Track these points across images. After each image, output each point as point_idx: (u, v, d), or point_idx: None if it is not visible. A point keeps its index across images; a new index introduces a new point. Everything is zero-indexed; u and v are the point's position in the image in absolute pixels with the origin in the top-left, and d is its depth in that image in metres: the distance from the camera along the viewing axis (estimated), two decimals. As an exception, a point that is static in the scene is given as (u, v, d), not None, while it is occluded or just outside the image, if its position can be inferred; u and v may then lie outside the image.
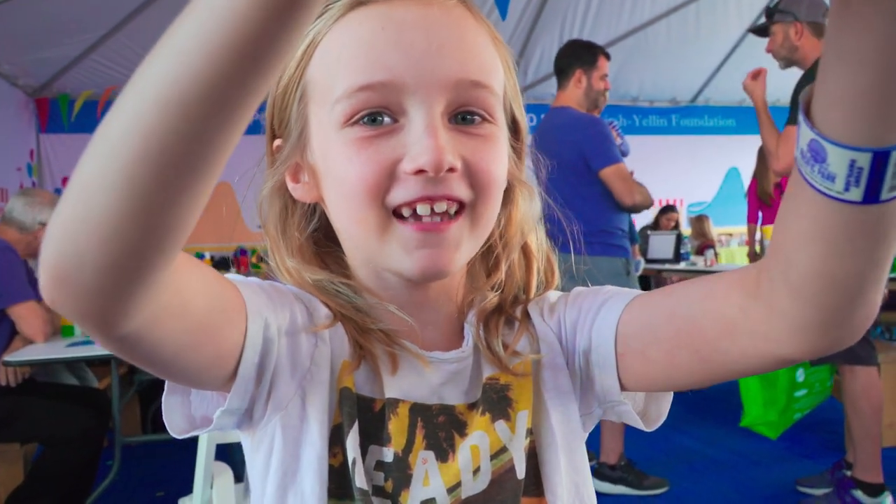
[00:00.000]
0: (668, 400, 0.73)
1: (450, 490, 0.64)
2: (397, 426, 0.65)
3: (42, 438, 2.95)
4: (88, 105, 6.47)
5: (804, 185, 0.47)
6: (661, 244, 5.95)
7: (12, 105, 6.22)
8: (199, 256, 5.64)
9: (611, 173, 3.08)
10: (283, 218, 0.72)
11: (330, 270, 0.70)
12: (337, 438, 0.63)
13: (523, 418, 0.68)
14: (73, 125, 6.58)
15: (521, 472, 0.67)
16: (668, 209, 7.55)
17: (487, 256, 0.75)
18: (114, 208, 0.38)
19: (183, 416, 0.65)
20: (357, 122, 0.62)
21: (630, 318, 0.67)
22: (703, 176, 8.77)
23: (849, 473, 2.92)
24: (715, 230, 7.65)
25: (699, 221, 7.60)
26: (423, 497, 0.64)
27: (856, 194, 0.44)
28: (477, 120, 0.65)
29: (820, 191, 0.46)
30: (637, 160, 4.07)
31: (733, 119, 8.89)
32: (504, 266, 0.75)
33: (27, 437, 3.05)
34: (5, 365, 2.86)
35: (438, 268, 0.64)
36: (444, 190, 0.62)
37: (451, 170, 0.61)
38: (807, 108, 0.46)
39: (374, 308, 0.68)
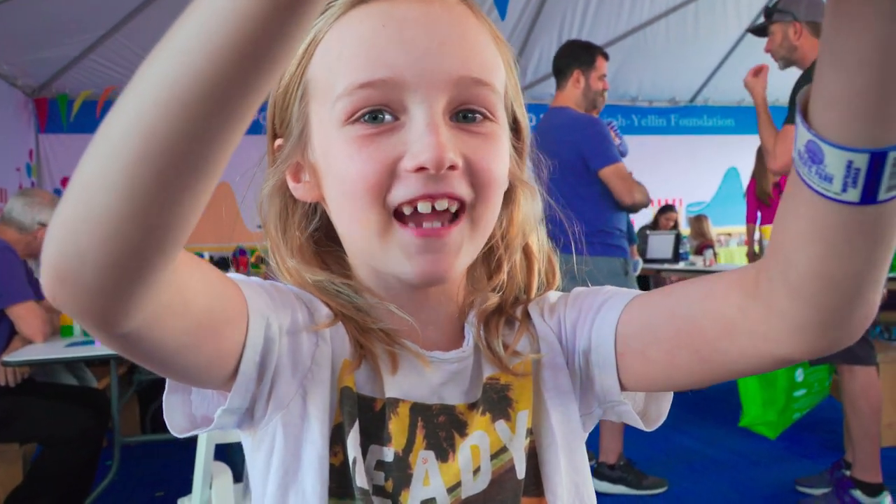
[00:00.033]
0: (668, 400, 0.73)
1: (450, 490, 0.64)
2: (398, 426, 0.65)
3: (41, 438, 2.94)
4: (87, 105, 6.46)
5: (802, 186, 0.47)
6: (660, 244, 5.95)
7: (11, 105, 6.21)
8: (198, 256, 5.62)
9: (610, 173, 3.08)
10: (283, 218, 0.72)
11: (330, 270, 0.70)
12: (338, 438, 0.63)
13: (523, 418, 0.68)
14: (72, 125, 6.58)
15: (521, 472, 0.67)
16: (666, 209, 7.54)
17: (489, 257, 0.75)
18: (114, 208, 0.38)
19: (184, 415, 0.64)
20: (358, 119, 0.62)
21: (630, 318, 0.67)
22: (701, 176, 8.77)
23: (848, 473, 2.92)
24: (714, 230, 7.65)
25: (698, 221, 7.60)
26: (423, 497, 0.64)
27: (853, 195, 0.44)
28: (478, 118, 0.65)
29: (817, 192, 0.46)
30: (636, 160, 4.07)
31: (732, 119, 8.89)
32: (506, 267, 0.74)
33: (26, 437, 3.04)
34: (4, 365, 2.86)
35: (439, 274, 0.64)
36: (445, 188, 0.61)
37: (452, 167, 0.61)
38: (804, 108, 0.46)
39: (375, 308, 0.68)
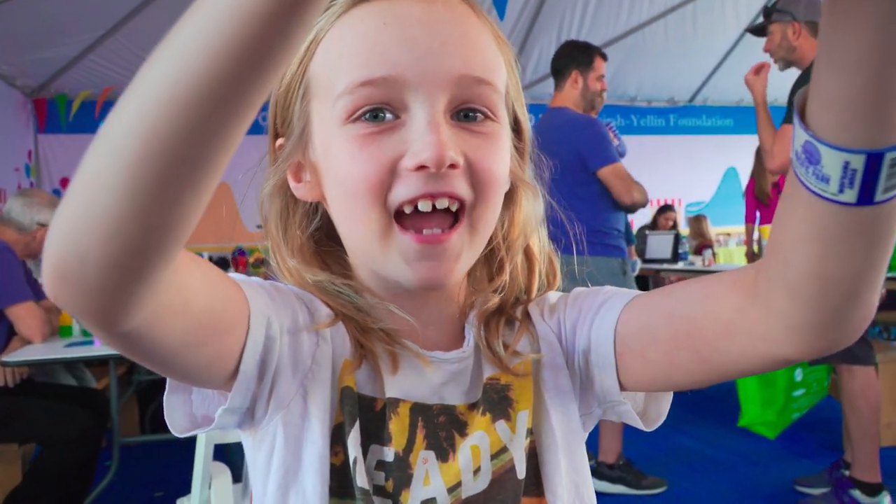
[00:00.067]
0: (667, 400, 0.73)
1: (450, 490, 0.64)
2: (398, 426, 0.65)
3: (40, 439, 2.94)
4: (86, 105, 6.46)
5: (800, 187, 0.47)
6: (660, 244, 5.95)
7: (10, 105, 6.21)
8: (197, 257, 5.62)
9: (609, 173, 3.08)
10: (284, 217, 0.72)
11: (331, 271, 0.70)
12: (338, 437, 0.63)
13: (524, 418, 0.68)
14: (70, 125, 6.58)
15: (521, 472, 0.67)
16: (665, 208, 7.54)
17: (490, 259, 0.74)
18: (115, 208, 0.38)
19: (184, 415, 0.64)
20: (359, 118, 0.62)
21: (629, 318, 0.67)
22: (700, 176, 8.77)
23: (847, 473, 2.92)
24: (713, 230, 7.65)
25: (697, 221, 7.60)
26: (423, 497, 0.64)
27: (850, 196, 0.44)
28: (479, 117, 0.64)
29: (815, 192, 0.46)
30: (635, 160, 4.07)
31: (731, 119, 8.89)
32: (508, 269, 0.74)
33: (25, 437, 3.04)
34: (3, 365, 2.86)
35: (438, 280, 0.64)
36: (446, 187, 0.61)
37: (452, 166, 0.61)
38: (801, 109, 0.46)
39: (375, 308, 0.68)
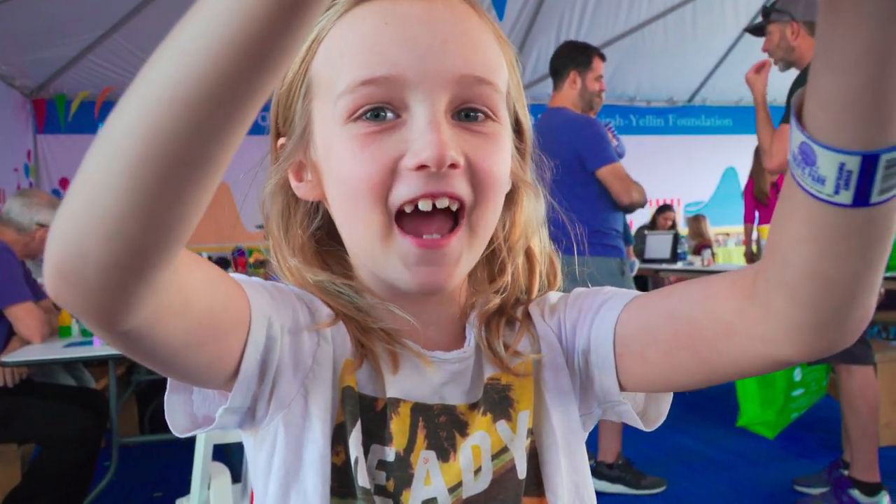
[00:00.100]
0: (667, 400, 0.73)
1: (451, 490, 0.64)
2: (399, 426, 0.65)
3: (39, 439, 2.94)
4: (85, 106, 6.46)
5: (796, 188, 0.47)
6: (659, 244, 5.95)
7: (9, 106, 6.21)
8: (196, 257, 5.61)
9: (607, 173, 3.09)
10: (285, 217, 0.72)
11: (331, 271, 0.70)
12: (339, 437, 0.63)
13: (524, 418, 0.68)
14: (69, 126, 6.58)
15: (522, 472, 0.67)
16: (664, 208, 7.54)
17: (491, 260, 0.74)
18: (116, 208, 0.39)
19: (185, 415, 0.64)
20: (360, 117, 0.62)
21: (628, 318, 0.67)
22: (699, 176, 8.78)
23: (846, 472, 2.92)
24: (712, 230, 7.65)
25: (696, 221, 7.60)
26: (424, 496, 0.64)
27: (845, 197, 0.45)
28: (480, 117, 0.64)
29: (811, 193, 0.46)
30: (634, 160, 4.07)
31: (730, 119, 8.90)
32: (509, 270, 0.74)
33: (24, 437, 3.04)
34: (2, 366, 2.86)
35: (437, 285, 0.64)
36: (446, 187, 0.61)
37: (453, 166, 0.61)
38: (798, 110, 0.46)
39: (376, 308, 0.68)
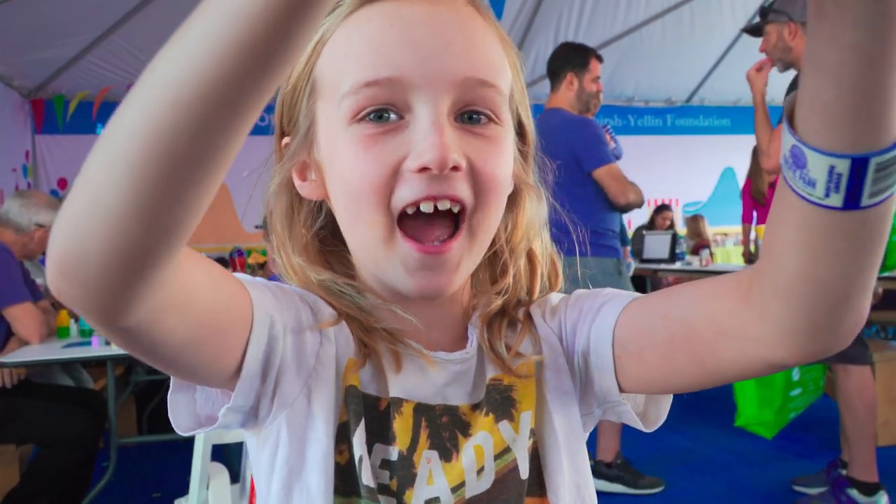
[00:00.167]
0: (667, 402, 0.73)
1: (454, 489, 0.65)
2: (402, 425, 0.65)
3: (38, 439, 2.95)
4: (83, 106, 6.47)
5: (789, 190, 0.47)
6: (657, 244, 5.95)
7: (7, 106, 6.20)
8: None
9: (604, 173, 3.09)
10: (289, 216, 0.72)
11: (334, 270, 0.70)
12: (343, 436, 0.63)
13: (527, 419, 0.68)
14: (68, 126, 6.58)
15: (524, 472, 0.67)
16: (662, 208, 7.55)
17: (493, 261, 0.75)
18: (118, 207, 0.39)
19: (188, 414, 0.64)
20: (363, 118, 0.62)
21: (627, 320, 0.67)
22: (698, 176, 8.79)
23: (844, 472, 2.93)
24: (710, 230, 7.66)
25: (694, 221, 7.61)
26: (427, 496, 0.64)
27: (836, 200, 0.45)
28: (483, 120, 0.64)
29: (802, 196, 0.46)
30: (632, 160, 4.07)
31: (728, 119, 8.91)
32: (511, 272, 0.74)
33: (23, 438, 3.05)
34: (1, 366, 2.86)
35: (437, 290, 0.64)
36: (448, 189, 0.61)
37: (455, 168, 0.61)
38: (790, 113, 0.46)
39: (378, 308, 0.69)
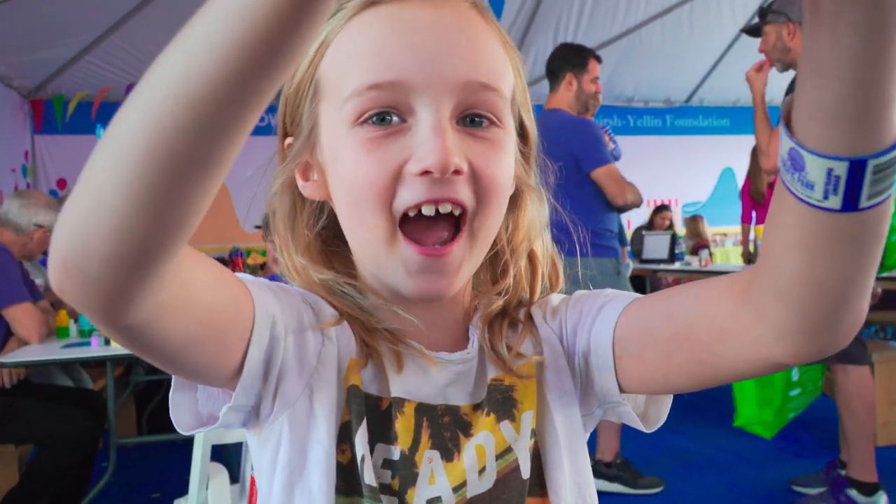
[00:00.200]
0: (667, 402, 0.73)
1: (455, 489, 0.65)
2: (403, 425, 0.65)
3: (37, 440, 2.95)
4: (83, 106, 6.46)
5: (787, 193, 0.48)
6: (656, 244, 5.95)
7: (7, 106, 6.20)
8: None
9: (602, 174, 3.10)
10: (292, 216, 0.73)
11: (336, 271, 0.71)
12: (345, 436, 0.63)
13: (528, 419, 0.68)
14: (67, 126, 6.58)
15: (525, 472, 0.67)
16: (662, 208, 7.56)
17: (495, 262, 0.75)
18: (121, 206, 0.39)
19: (190, 413, 0.65)
20: (366, 121, 0.62)
21: (627, 321, 0.67)
22: (697, 176, 8.79)
23: (843, 472, 2.93)
24: (709, 230, 7.67)
25: (694, 221, 7.62)
26: (429, 496, 0.64)
27: (834, 202, 0.45)
28: (485, 123, 0.65)
29: (800, 198, 0.46)
30: (632, 161, 4.08)
31: (728, 119, 8.91)
32: (512, 272, 0.75)
33: (22, 438, 3.05)
34: (0, 366, 2.86)
35: (438, 293, 0.65)
36: (449, 193, 0.62)
37: (456, 172, 0.61)
38: (787, 116, 0.47)
39: (380, 309, 0.69)
